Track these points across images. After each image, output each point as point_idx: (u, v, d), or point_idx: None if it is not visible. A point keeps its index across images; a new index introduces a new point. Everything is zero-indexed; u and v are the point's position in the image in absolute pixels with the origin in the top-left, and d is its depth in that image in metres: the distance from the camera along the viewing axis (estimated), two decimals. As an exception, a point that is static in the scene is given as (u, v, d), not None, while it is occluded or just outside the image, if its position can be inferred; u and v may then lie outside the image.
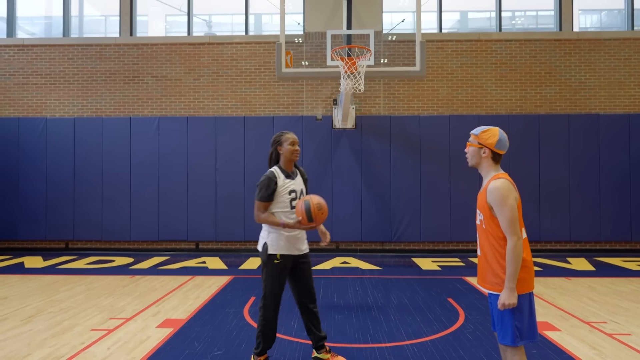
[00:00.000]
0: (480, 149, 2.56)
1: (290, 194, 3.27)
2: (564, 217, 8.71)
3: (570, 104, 8.98)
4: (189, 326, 4.33)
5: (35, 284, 6.18)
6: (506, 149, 2.52)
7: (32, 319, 4.58)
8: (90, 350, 3.70)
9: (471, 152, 2.61)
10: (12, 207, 8.97)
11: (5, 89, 9.30)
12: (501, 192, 2.38)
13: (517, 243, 2.31)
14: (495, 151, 2.51)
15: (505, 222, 2.34)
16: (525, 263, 2.37)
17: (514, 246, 2.30)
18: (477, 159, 2.58)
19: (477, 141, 2.57)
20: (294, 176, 3.35)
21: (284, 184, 3.26)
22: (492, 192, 2.41)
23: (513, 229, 2.32)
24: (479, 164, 2.58)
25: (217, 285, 6.07)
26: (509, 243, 2.32)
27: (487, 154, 2.53)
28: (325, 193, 8.74)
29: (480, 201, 2.53)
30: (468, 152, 2.63)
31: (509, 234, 2.33)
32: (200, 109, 9.15)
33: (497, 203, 2.38)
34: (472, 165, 2.64)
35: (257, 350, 3.30)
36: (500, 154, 2.52)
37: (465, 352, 3.68)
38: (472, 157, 2.60)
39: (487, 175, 2.55)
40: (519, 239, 2.32)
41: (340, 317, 4.68)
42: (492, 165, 2.54)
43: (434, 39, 9.07)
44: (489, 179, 2.51)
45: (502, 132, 2.53)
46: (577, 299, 5.37)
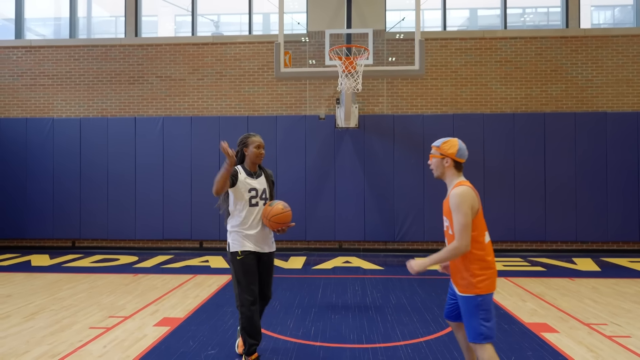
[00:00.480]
0: (443, 159, 2.72)
1: (250, 192, 3.39)
2: (570, 217, 8.59)
3: (576, 102, 8.85)
4: (185, 325, 4.36)
5: (40, 282, 6.28)
6: (466, 157, 2.68)
7: (34, 316, 4.65)
8: (86, 348, 3.75)
9: (435, 163, 2.76)
10: (20, 206, 9.12)
11: (13, 89, 9.45)
12: (458, 198, 2.55)
13: (460, 249, 2.51)
14: (456, 160, 2.68)
15: (458, 226, 2.52)
16: (488, 264, 2.57)
17: (457, 247, 2.51)
18: (440, 169, 2.74)
19: (439, 152, 2.73)
20: (256, 176, 3.47)
21: (245, 180, 3.39)
22: (452, 198, 2.60)
23: (461, 235, 2.50)
24: (443, 173, 2.74)
25: (217, 284, 6.11)
26: (454, 243, 2.52)
27: (449, 163, 2.69)
28: (328, 192, 8.75)
29: (445, 208, 2.72)
30: (432, 164, 2.78)
31: (457, 237, 2.51)
32: (204, 109, 9.21)
33: (454, 208, 2.56)
34: (437, 176, 2.78)
35: (245, 350, 3.31)
36: (461, 163, 2.70)
37: (459, 353, 3.66)
38: (437, 168, 2.76)
39: (451, 184, 2.71)
40: (463, 245, 2.51)
41: (337, 317, 4.68)
42: (455, 173, 2.71)
43: (437, 37, 9.00)
44: (452, 187, 2.67)
45: (461, 142, 2.70)
46: (579, 300, 5.30)
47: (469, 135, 8.69)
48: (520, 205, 8.63)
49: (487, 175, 8.66)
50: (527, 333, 4.13)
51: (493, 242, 8.67)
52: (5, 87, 9.45)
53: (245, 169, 3.45)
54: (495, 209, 8.63)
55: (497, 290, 5.68)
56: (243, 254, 3.34)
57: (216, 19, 10.53)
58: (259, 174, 3.50)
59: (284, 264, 7.69)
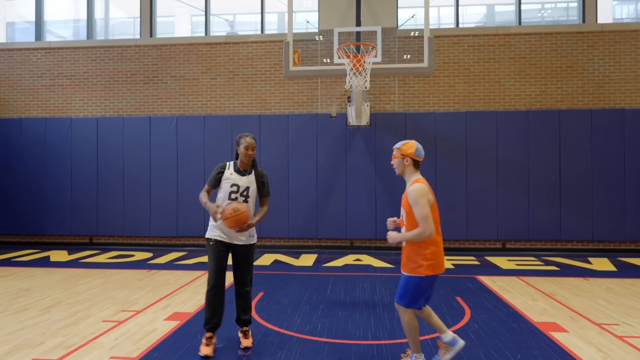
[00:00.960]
0: (403, 159, 3.16)
1: (232, 187, 3.64)
2: (586, 216, 8.44)
3: (593, 99, 8.67)
4: (195, 320, 4.45)
5: (58, 276, 6.46)
6: (422, 156, 3.16)
7: (51, 309, 4.80)
8: (98, 340, 3.86)
9: (396, 163, 3.20)
10: (39, 203, 9.39)
11: (33, 90, 9.72)
12: (417, 193, 2.99)
13: (424, 233, 2.95)
14: (415, 159, 3.14)
15: (420, 216, 2.97)
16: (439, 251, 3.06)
17: (421, 232, 2.96)
18: (401, 167, 3.18)
19: (399, 153, 3.17)
20: (245, 174, 3.70)
21: (229, 176, 3.66)
22: (410, 193, 3.02)
23: (424, 223, 2.95)
24: (404, 171, 3.18)
25: (228, 281, 6.17)
26: (419, 228, 2.97)
27: (409, 162, 3.14)
28: (340, 190, 8.77)
29: (404, 201, 3.11)
30: (394, 164, 3.21)
31: (421, 225, 2.96)
32: (216, 108, 9.32)
33: (413, 202, 2.99)
34: (399, 174, 3.22)
35: (203, 323, 3.65)
36: (419, 161, 3.17)
37: (465, 351, 3.64)
38: (398, 167, 3.20)
39: (409, 180, 3.14)
40: (425, 231, 2.95)
41: (345, 313, 4.70)
42: (414, 171, 3.16)
43: (450, 34, 8.93)
44: (410, 183, 3.09)
45: (418, 143, 3.17)
46: (592, 300, 5.21)
47: (482, 133, 8.62)
48: (534, 204, 8.51)
49: (500, 173, 8.56)
50: (535, 332, 4.09)
51: (507, 241, 8.60)
52: (25, 87, 9.73)
53: (236, 165, 3.72)
54: (508, 208, 8.53)
55: (507, 289, 5.64)
56: (214, 242, 3.66)
57: (231, 18, 10.64)
58: (249, 172, 3.69)
59: (295, 261, 7.74)
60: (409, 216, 3.07)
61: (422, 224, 2.94)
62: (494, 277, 6.46)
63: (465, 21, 10.48)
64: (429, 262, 3.01)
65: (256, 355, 3.57)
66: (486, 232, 8.62)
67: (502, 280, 6.25)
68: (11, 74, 9.76)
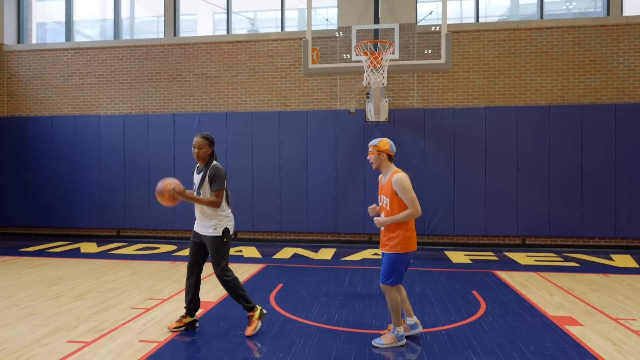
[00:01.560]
0: (380, 154, 3.64)
1: (194, 185, 4.10)
2: (608, 212, 8.32)
3: (617, 93, 8.52)
4: (217, 308, 4.66)
5: (89, 267, 6.79)
6: (395, 151, 3.64)
7: (83, 297, 5.09)
8: (128, 325, 4.10)
9: (373, 158, 3.66)
10: (70, 197, 9.81)
11: (64, 89, 10.14)
12: (403, 181, 3.49)
13: (415, 213, 3.47)
14: (389, 154, 3.64)
15: (409, 200, 3.47)
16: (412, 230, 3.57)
17: (413, 212, 3.47)
18: (378, 162, 3.66)
19: (376, 149, 3.64)
20: (199, 172, 4.04)
21: (194, 175, 4.14)
22: (397, 182, 3.48)
23: (413, 205, 3.47)
24: (380, 165, 3.67)
25: (249, 273, 6.40)
26: (410, 209, 3.47)
27: (384, 157, 3.64)
28: (358, 186, 8.88)
29: (386, 189, 3.57)
30: (371, 159, 3.67)
31: (411, 206, 3.47)
32: (238, 105, 9.54)
33: (401, 189, 3.48)
34: (376, 168, 3.70)
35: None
36: (392, 155, 3.64)
37: (478, 342, 3.74)
38: (375, 162, 3.66)
39: (389, 171, 3.64)
40: (416, 211, 3.47)
41: (361, 305, 4.83)
42: (389, 164, 3.66)
43: (470, 29, 8.90)
44: (390, 173, 3.58)
45: (390, 140, 3.66)
46: (610, 295, 5.20)
47: (502, 128, 8.58)
48: (555, 200, 8.44)
49: (520, 168, 8.52)
50: (550, 325, 4.14)
51: (526, 237, 8.56)
52: (57, 87, 10.16)
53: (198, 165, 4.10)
54: (528, 203, 8.49)
55: (524, 284, 5.67)
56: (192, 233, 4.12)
57: (252, 16, 10.84)
58: (202, 170, 4.00)
59: (314, 254, 7.91)
60: (392, 202, 3.54)
61: (412, 205, 3.47)
62: (511, 272, 6.48)
63: (489, 14, 10.39)
64: (407, 240, 3.52)
65: (275, 340, 3.74)
66: (505, 228, 8.59)
67: (519, 275, 6.27)
68: (43, 74, 10.20)
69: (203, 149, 3.93)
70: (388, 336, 3.63)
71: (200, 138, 3.95)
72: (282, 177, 9.09)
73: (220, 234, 3.93)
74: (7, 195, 10.10)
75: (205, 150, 3.95)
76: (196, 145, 3.93)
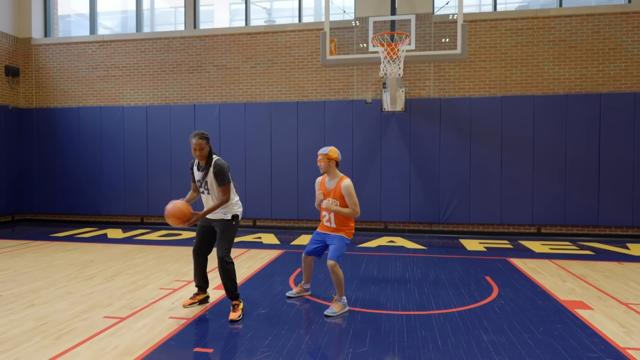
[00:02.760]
0: (330, 162, 4.25)
1: (197, 181, 4.24)
2: (626, 201, 8.31)
3: (637, 81, 8.44)
4: (240, 289, 4.91)
5: (117, 251, 7.14)
6: (341, 158, 4.41)
7: (113, 278, 5.41)
8: (158, 304, 4.39)
9: (324, 165, 4.25)
10: (97, 185, 10.22)
11: (89, 81, 10.49)
12: (350, 187, 4.16)
13: (355, 214, 4.18)
14: (337, 161, 4.30)
15: (353, 204, 4.17)
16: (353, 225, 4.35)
17: (353, 213, 4.17)
18: (327, 168, 4.25)
19: (326, 157, 4.24)
20: (200, 169, 4.17)
21: (195, 171, 4.25)
22: (346, 188, 4.15)
23: (356, 207, 4.17)
24: (329, 171, 4.27)
25: (268, 258, 6.66)
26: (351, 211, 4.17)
27: (333, 164, 4.27)
28: (374, 175, 9.03)
29: (336, 193, 4.21)
30: (321, 165, 4.24)
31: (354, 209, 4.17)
32: (256, 95, 9.75)
33: (348, 194, 4.15)
34: (324, 172, 4.29)
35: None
36: (339, 162, 4.32)
37: (489, 322, 3.90)
38: (325, 167, 4.25)
39: (336, 177, 4.28)
40: (356, 213, 4.17)
41: (377, 288, 5.03)
42: (336, 170, 4.30)
43: (487, 18, 8.89)
44: (338, 179, 4.25)
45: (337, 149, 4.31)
46: (623, 282, 5.29)
47: (519, 117, 8.61)
48: (571, 189, 8.46)
49: (536, 157, 8.55)
50: (560, 309, 4.28)
51: (542, 225, 8.62)
52: (82, 79, 10.52)
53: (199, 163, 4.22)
54: (544, 193, 8.53)
55: (538, 271, 5.78)
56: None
57: (269, 6, 10.98)
58: (204, 167, 4.13)
59: (331, 241, 8.11)
60: (342, 203, 4.20)
61: (355, 208, 4.17)
62: (525, 259, 6.58)
63: (508, 1, 10.32)
64: (351, 230, 4.33)
65: (297, 319, 3.97)
66: (521, 216, 8.66)
67: (533, 262, 6.38)
68: (70, 66, 10.56)
69: (204, 149, 4.02)
70: (337, 305, 4.15)
71: (199, 139, 3.98)
72: (299, 166, 9.30)
73: (229, 218, 4.16)
74: (37, 183, 10.56)
75: (205, 150, 4.03)
76: (197, 147, 3.98)
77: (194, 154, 4.04)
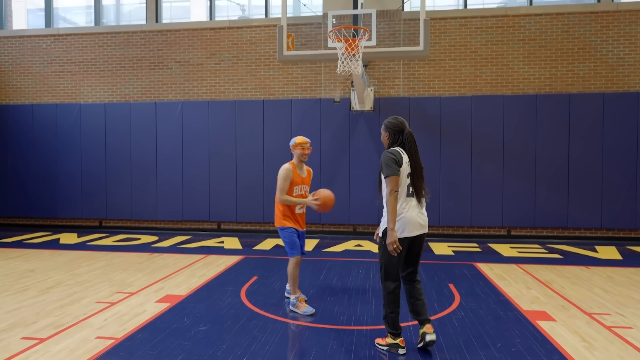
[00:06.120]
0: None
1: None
2: (595, 203, 8.22)
3: (605, 82, 8.36)
4: (185, 302, 4.55)
5: (63, 258, 6.67)
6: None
7: (50, 290, 4.97)
8: (88, 320, 3.99)
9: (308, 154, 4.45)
10: (51, 187, 9.66)
11: (43, 77, 9.92)
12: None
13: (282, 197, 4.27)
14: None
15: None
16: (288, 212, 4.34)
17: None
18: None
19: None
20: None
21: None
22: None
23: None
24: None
25: (225, 265, 6.29)
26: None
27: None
28: (343, 176, 8.74)
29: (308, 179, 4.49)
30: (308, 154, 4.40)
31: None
32: (220, 93, 9.35)
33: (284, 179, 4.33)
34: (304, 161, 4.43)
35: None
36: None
37: (444, 338, 3.64)
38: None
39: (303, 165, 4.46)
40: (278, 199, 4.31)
41: (333, 299, 4.73)
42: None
43: (457, 16, 8.69)
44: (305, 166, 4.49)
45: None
46: (588, 289, 5.11)
47: (489, 118, 8.43)
48: (541, 191, 8.33)
49: (506, 158, 8.39)
50: (521, 321, 4.05)
51: (512, 228, 8.46)
52: (36, 74, 9.93)
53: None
54: (514, 194, 8.38)
55: (503, 277, 5.57)
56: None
57: (245, 2, 10.55)
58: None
59: (296, 246, 7.79)
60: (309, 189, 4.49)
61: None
62: (492, 264, 6.38)
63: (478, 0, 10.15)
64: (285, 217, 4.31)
65: (237, 337, 3.63)
66: (491, 218, 8.50)
67: (500, 267, 6.18)
68: (22, 61, 9.97)
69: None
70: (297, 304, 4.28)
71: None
72: (265, 166, 8.94)
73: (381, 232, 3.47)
74: (-13, 185, 9.94)
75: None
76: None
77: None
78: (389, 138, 3.58)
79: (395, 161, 3.31)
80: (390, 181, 3.27)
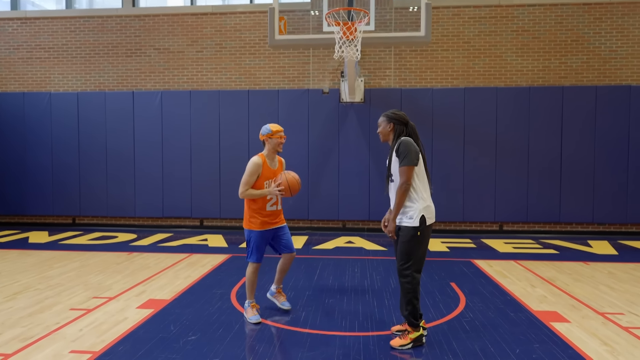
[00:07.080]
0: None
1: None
2: (587, 197, 8.13)
3: (598, 75, 8.26)
4: (170, 308, 4.14)
5: (33, 259, 6.14)
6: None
7: (17, 296, 4.48)
8: (61, 331, 3.55)
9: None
10: (19, 182, 9.00)
11: (10, 63, 9.21)
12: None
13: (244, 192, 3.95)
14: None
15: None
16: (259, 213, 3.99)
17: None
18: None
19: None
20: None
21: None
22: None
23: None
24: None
25: (211, 264, 5.89)
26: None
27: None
28: (332, 170, 8.41)
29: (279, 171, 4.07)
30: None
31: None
32: (203, 82, 8.86)
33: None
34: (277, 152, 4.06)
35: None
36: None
37: (458, 343, 3.36)
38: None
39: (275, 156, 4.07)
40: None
41: (331, 301, 4.40)
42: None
43: (450, 5, 8.43)
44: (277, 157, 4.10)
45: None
46: (594, 286, 4.94)
47: (481, 110, 8.22)
48: (533, 185, 8.19)
49: (499, 151, 8.21)
50: (535, 322, 3.81)
51: (504, 223, 8.30)
52: (1, 60, 9.22)
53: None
54: (506, 188, 8.21)
55: (504, 274, 5.35)
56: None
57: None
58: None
59: (284, 243, 7.42)
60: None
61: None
62: (490, 261, 6.18)
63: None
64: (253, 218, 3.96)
65: (230, 347, 3.26)
66: (483, 213, 8.31)
67: (499, 264, 5.97)
68: (-14, 46, 9.23)
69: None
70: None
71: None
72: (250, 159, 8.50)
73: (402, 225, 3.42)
74: (-53, 179, 9.20)
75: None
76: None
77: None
78: (393, 130, 3.45)
79: (416, 152, 3.25)
80: (409, 170, 3.26)
